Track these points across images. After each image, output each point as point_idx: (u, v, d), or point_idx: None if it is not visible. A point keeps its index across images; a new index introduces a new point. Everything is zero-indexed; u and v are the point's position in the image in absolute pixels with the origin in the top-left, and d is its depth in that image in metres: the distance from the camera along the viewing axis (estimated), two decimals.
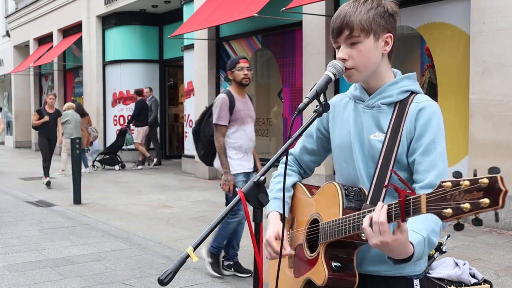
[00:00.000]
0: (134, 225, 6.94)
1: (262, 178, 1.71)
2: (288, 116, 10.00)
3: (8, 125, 23.99)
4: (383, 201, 1.59)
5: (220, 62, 11.66)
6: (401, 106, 1.68)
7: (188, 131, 12.76)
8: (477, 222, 1.21)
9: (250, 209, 1.67)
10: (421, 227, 1.51)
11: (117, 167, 13.50)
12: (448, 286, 2.47)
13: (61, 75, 19.70)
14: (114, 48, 16.20)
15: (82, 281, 4.63)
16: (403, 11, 7.94)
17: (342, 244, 1.66)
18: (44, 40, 20.70)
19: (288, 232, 1.94)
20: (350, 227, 1.55)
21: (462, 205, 1.21)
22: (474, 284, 2.57)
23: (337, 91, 8.87)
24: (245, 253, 5.50)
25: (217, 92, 11.65)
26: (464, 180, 1.22)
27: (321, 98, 1.86)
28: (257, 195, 1.70)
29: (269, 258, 1.83)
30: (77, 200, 8.43)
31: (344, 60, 1.68)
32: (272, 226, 1.84)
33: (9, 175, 12.69)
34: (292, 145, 1.80)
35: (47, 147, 10.84)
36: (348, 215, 1.58)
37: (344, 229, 1.57)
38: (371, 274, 1.73)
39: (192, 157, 12.24)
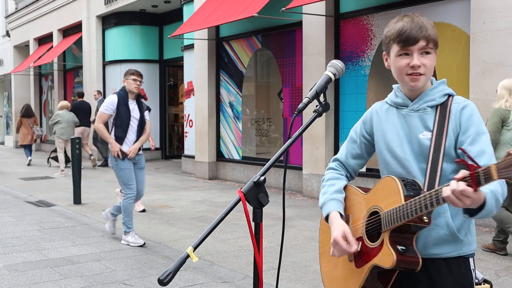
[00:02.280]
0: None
1: (262, 178, 1.71)
2: (288, 116, 10.00)
3: (8, 125, 24.01)
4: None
5: (220, 62, 11.66)
6: (442, 108, 1.93)
7: (188, 131, 12.77)
8: None
9: (250, 209, 1.67)
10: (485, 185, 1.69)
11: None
12: None
13: (61, 75, 19.71)
14: (114, 48, 16.20)
15: (82, 281, 4.63)
16: (403, 11, 7.94)
17: (403, 230, 1.83)
18: (44, 40, 20.71)
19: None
20: (413, 210, 1.75)
21: None
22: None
23: (337, 91, 8.87)
24: (245, 253, 5.50)
25: (217, 92, 11.66)
26: None
27: (321, 98, 1.88)
28: (257, 195, 1.71)
29: (336, 256, 1.96)
30: (77, 200, 8.43)
31: (418, 66, 1.89)
32: (337, 225, 1.96)
33: (9, 175, 12.69)
34: (292, 145, 1.81)
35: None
36: (409, 201, 1.77)
37: (408, 212, 1.76)
38: (433, 257, 1.91)
39: (192, 157, 12.24)
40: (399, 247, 1.81)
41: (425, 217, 1.77)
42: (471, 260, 1.95)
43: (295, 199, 8.84)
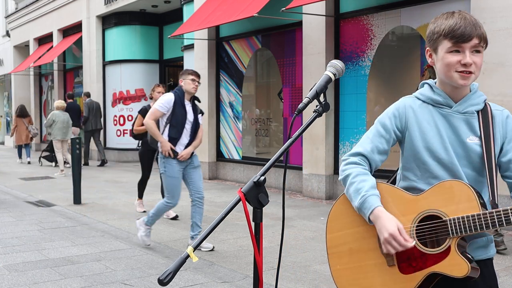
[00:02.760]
0: (134, 225, 6.92)
1: (262, 178, 1.71)
2: (288, 116, 10.00)
3: (8, 125, 24.01)
4: (497, 197, 1.82)
5: (220, 62, 11.66)
6: (483, 113, 1.90)
7: None
8: None
9: (250, 209, 1.67)
10: None
11: (53, 164, 14.54)
12: None
13: (61, 75, 19.71)
14: (114, 48, 16.20)
15: (82, 281, 4.63)
16: (403, 11, 7.94)
17: (464, 237, 1.79)
18: (44, 40, 20.71)
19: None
20: (496, 222, 1.71)
21: None
22: None
23: (337, 91, 8.87)
24: (245, 253, 5.50)
25: (217, 92, 11.66)
26: None
27: (321, 98, 1.87)
28: (257, 195, 1.70)
29: (392, 252, 1.82)
30: (77, 200, 8.43)
31: (470, 65, 1.84)
32: (389, 219, 1.83)
33: (9, 175, 12.69)
34: (292, 145, 1.80)
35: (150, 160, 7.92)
36: (490, 211, 1.72)
37: (489, 223, 1.72)
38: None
39: None
40: (469, 256, 1.77)
41: (499, 229, 1.75)
42: (493, 261, 1.99)
43: (295, 199, 8.84)
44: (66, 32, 18.87)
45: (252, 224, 1.70)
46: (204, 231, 1.67)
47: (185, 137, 5.64)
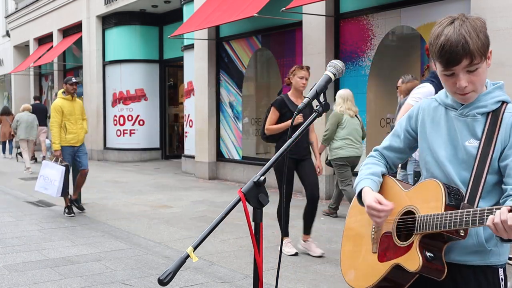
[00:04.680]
0: (134, 225, 6.94)
1: (262, 178, 1.71)
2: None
3: None
4: (478, 201, 1.78)
5: (220, 62, 11.66)
6: (494, 116, 1.83)
7: (188, 131, 12.77)
8: None
9: (250, 209, 1.67)
10: None
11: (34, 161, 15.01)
12: None
13: (61, 75, 19.70)
14: (114, 48, 16.20)
15: (82, 281, 4.63)
16: (403, 11, 7.94)
17: (435, 237, 1.80)
18: (44, 40, 20.70)
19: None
20: (452, 223, 1.70)
21: None
22: None
23: (337, 91, 8.86)
24: (245, 253, 5.50)
25: (217, 92, 11.66)
26: None
27: (321, 98, 1.88)
28: (257, 195, 1.70)
29: (378, 223, 1.92)
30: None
31: (465, 87, 1.78)
32: (369, 194, 1.93)
33: (9, 175, 12.69)
34: (291, 145, 1.81)
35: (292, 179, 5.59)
36: (451, 212, 1.72)
37: (447, 223, 1.72)
38: (459, 263, 1.86)
39: (192, 157, 12.24)
40: (428, 254, 1.78)
41: (462, 231, 1.73)
42: (500, 270, 1.88)
43: (295, 199, 8.82)
44: (66, 32, 18.87)
45: (252, 224, 1.70)
46: (204, 231, 1.67)
47: None
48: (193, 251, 1.59)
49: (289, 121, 5.06)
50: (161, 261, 5.28)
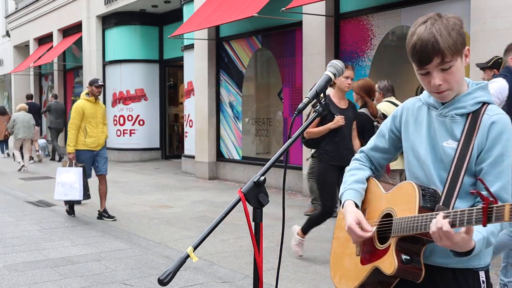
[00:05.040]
0: (134, 225, 6.94)
1: (262, 178, 1.71)
2: (288, 116, 10.00)
3: None
4: (454, 203, 1.77)
5: (220, 62, 11.66)
6: (473, 117, 1.81)
7: (188, 131, 12.77)
8: None
9: (250, 209, 1.67)
10: (482, 228, 1.64)
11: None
12: None
13: (61, 75, 19.70)
14: (114, 48, 16.20)
15: (82, 281, 4.63)
16: (403, 11, 7.94)
17: (412, 239, 1.79)
18: (44, 40, 20.70)
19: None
20: (423, 225, 1.69)
21: None
22: None
23: None
24: (245, 253, 5.50)
25: (217, 92, 11.66)
26: None
27: (321, 98, 1.87)
28: (257, 195, 1.70)
29: (354, 242, 1.95)
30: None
31: (439, 85, 1.78)
32: (350, 213, 1.93)
33: (9, 175, 12.69)
34: (292, 145, 1.81)
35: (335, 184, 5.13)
36: (423, 214, 1.71)
37: (418, 226, 1.71)
38: (439, 265, 1.86)
39: (192, 157, 12.24)
40: (404, 256, 1.77)
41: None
42: (481, 273, 1.87)
43: (295, 199, 8.84)
44: (66, 32, 18.86)
45: (252, 224, 1.70)
46: (204, 231, 1.67)
47: None
48: (193, 251, 1.59)
49: (329, 124, 5.02)
50: (161, 261, 5.28)
